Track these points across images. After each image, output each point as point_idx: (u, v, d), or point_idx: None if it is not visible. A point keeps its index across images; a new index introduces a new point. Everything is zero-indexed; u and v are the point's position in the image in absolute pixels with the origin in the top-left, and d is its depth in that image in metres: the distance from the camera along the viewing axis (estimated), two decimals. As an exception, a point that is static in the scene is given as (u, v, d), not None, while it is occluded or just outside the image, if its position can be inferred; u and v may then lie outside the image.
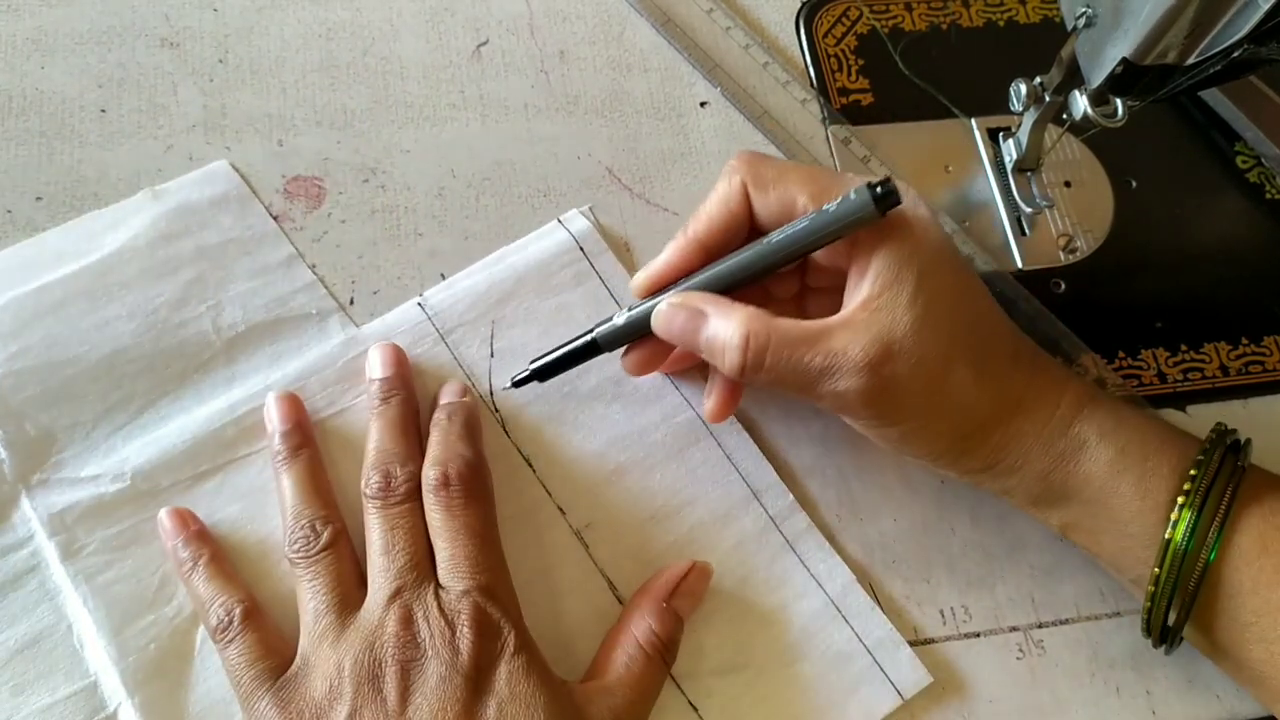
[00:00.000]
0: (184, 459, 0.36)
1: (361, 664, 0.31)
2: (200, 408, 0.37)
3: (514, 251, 0.42)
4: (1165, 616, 0.34)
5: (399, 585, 0.32)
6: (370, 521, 0.34)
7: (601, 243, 0.42)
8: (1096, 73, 0.37)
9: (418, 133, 0.44)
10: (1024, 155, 0.45)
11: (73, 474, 0.35)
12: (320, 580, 0.33)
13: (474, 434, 0.37)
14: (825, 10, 0.50)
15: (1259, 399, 0.44)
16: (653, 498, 0.38)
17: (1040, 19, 0.52)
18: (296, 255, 0.40)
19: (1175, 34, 0.33)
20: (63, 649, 0.33)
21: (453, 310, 0.40)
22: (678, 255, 0.36)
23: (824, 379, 0.33)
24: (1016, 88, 0.42)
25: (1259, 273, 0.47)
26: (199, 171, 0.41)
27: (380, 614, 0.32)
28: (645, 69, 0.47)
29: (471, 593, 0.32)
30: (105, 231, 0.39)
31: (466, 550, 0.33)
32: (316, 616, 0.32)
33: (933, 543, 0.39)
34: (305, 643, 0.32)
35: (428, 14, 0.47)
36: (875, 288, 0.33)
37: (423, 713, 0.30)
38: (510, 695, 0.31)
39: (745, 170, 0.35)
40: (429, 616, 0.32)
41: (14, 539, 0.34)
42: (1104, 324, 0.44)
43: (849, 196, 0.32)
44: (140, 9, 0.45)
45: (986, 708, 0.37)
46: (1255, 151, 0.49)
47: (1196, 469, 0.33)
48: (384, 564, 0.33)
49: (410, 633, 0.31)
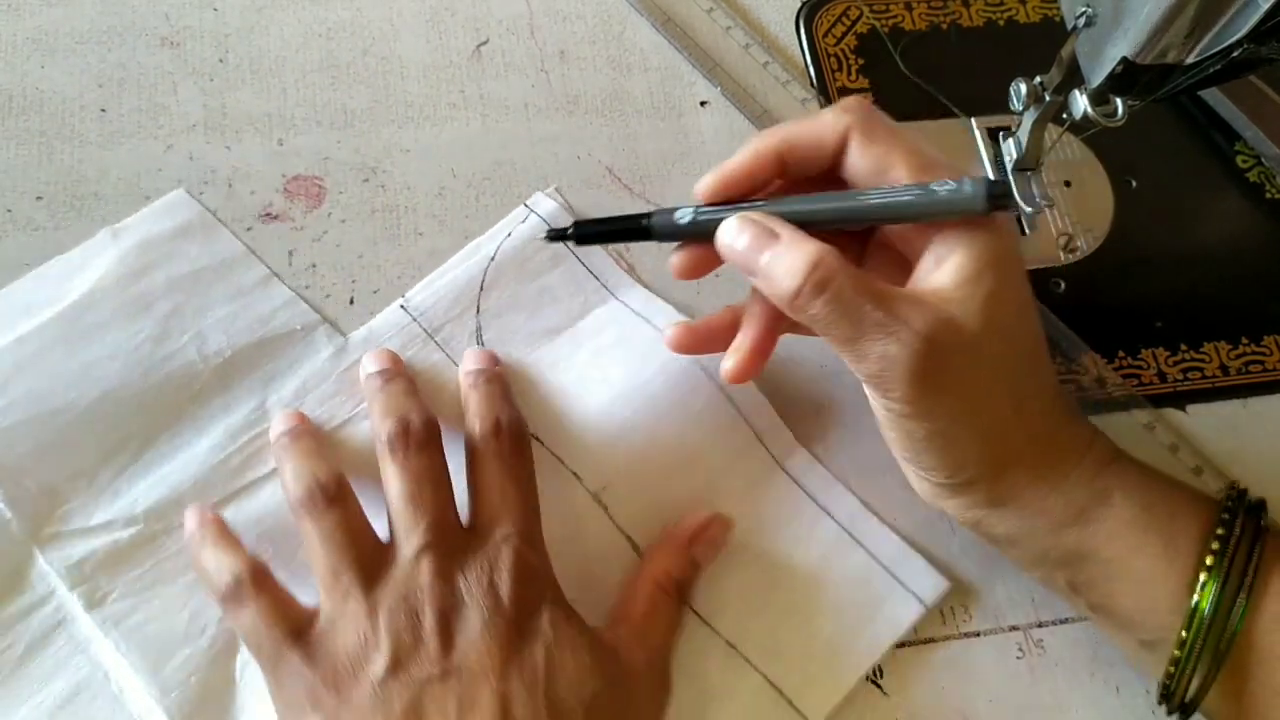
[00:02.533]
0: (194, 493, 0.36)
1: (397, 615, 0.30)
2: (201, 439, 0.37)
3: (487, 241, 0.42)
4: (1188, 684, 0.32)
5: (430, 538, 0.31)
6: (389, 473, 0.33)
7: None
8: (1096, 72, 0.37)
9: (418, 132, 0.44)
10: (1024, 155, 0.45)
11: (83, 523, 0.35)
12: (334, 537, 0.32)
13: (509, 395, 0.37)
14: (825, 10, 0.50)
15: (1259, 399, 0.44)
16: (663, 451, 0.38)
17: (1040, 18, 0.52)
18: (270, 274, 0.40)
19: (1175, 33, 0.33)
20: (103, 699, 0.33)
21: (437, 308, 0.40)
22: (753, 160, 0.33)
23: (876, 333, 0.30)
24: (1016, 87, 0.42)
25: (1259, 272, 0.47)
26: (158, 203, 0.41)
27: (411, 567, 0.31)
28: (645, 69, 0.47)
29: (512, 538, 0.32)
30: (71, 275, 0.38)
31: (511, 497, 0.33)
32: (335, 574, 0.31)
33: (933, 543, 0.39)
34: (327, 601, 0.31)
35: (428, 14, 0.47)
36: (953, 278, 0.31)
37: (469, 659, 0.30)
38: (556, 639, 0.31)
39: (857, 117, 0.33)
40: (465, 566, 0.31)
41: (35, 597, 0.34)
42: (1104, 323, 0.44)
43: (963, 186, 0.31)
44: (140, 9, 0.45)
45: (986, 707, 0.37)
46: (1255, 151, 0.49)
47: (1223, 528, 0.32)
48: (411, 516, 0.32)
49: (447, 582, 0.31)
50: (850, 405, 0.41)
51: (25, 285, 0.38)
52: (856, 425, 0.41)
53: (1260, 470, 0.42)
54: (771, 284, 0.31)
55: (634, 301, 0.41)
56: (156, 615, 0.34)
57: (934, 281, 0.31)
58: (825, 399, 0.41)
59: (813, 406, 0.41)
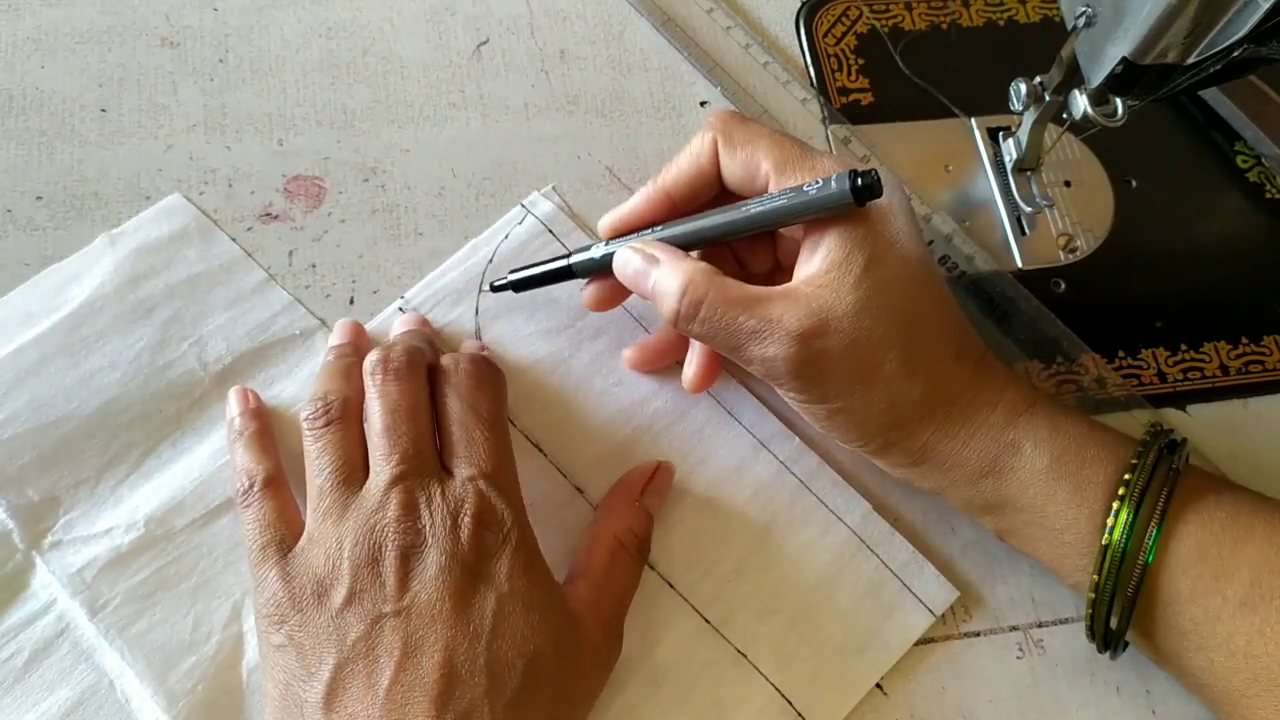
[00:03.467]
0: (194, 498, 0.36)
1: (361, 546, 0.31)
2: (201, 445, 0.37)
3: (485, 242, 0.42)
4: (1106, 622, 0.34)
5: (402, 470, 0.32)
6: (370, 400, 0.34)
7: (569, 222, 0.43)
8: (1096, 72, 0.37)
9: (418, 132, 0.44)
10: (1024, 155, 0.45)
11: (84, 531, 0.35)
12: (326, 454, 0.33)
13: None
14: (825, 10, 0.50)
15: (1259, 398, 0.44)
16: (669, 457, 0.39)
17: (1040, 18, 0.52)
18: (269, 278, 0.40)
19: (1175, 33, 0.33)
20: (109, 707, 0.33)
21: (436, 310, 0.40)
22: (644, 202, 0.36)
23: (753, 342, 0.33)
24: (1016, 87, 0.42)
25: (1259, 272, 0.47)
26: (154, 209, 0.40)
27: (380, 497, 0.31)
28: (645, 68, 0.47)
29: (476, 480, 0.32)
30: (69, 284, 0.38)
31: (473, 435, 0.33)
32: (321, 493, 0.32)
33: (933, 543, 0.39)
34: (310, 518, 0.32)
35: (428, 13, 0.47)
36: (823, 265, 0.33)
37: (420, 600, 0.30)
38: (510, 590, 0.31)
39: (719, 127, 0.35)
40: (431, 503, 0.31)
41: (37, 606, 0.34)
42: (1104, 323, 0.44)
43: (829, 184, 0.32)
44: (140, 8, 0.45)
45: (986, 708, 0.37)
46: (1255, 151, 0.49)
47: (1131, 472, 0.33)
48: (385, 446, 0.32)
49: (411, 519, 0.31)
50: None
51: (23, 294, 0.38)
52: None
53: (1260, 470, 0.42)
54: (658, 308, 0.34)
55: (632, 305, 0.41)
56: (160, 622, 0.34)
57: (808, 271, 0.33)
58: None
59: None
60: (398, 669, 0.29)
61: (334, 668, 0.29)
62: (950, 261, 0.45)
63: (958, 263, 0.45)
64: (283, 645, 0.30)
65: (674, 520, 0.38)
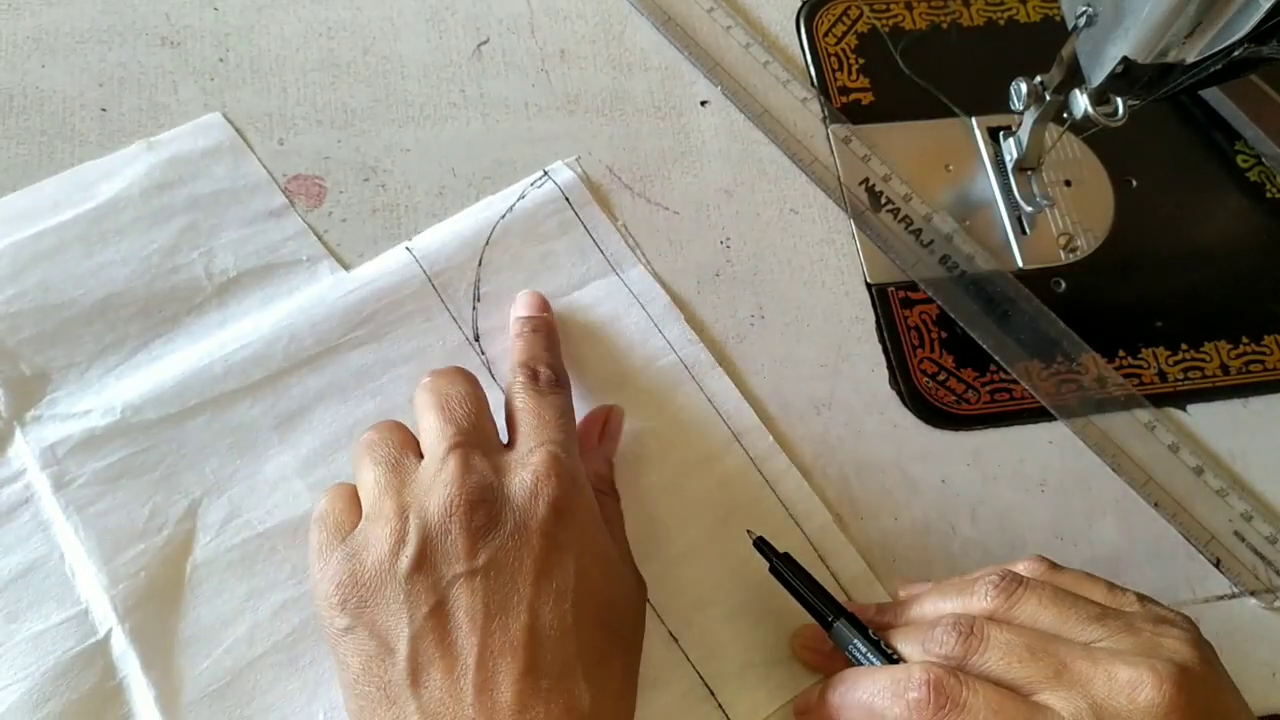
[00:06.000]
0: (173, 393, 0.37)
1: (424, 510, 0.30)
2: (192, 347, 0.38)
3: (500, 200, 0.42)
4: None
5: (459, 439, 0.31)
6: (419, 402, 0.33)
7: (586, 193, 0.43)
8: (1097, 72, 0.37)
9: (418, 132, 0.44)
10: (1024, 154, 0.45)
11: (66, 410, 0.36)
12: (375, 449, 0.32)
13: (555, 344, 0.37)
14: (825, 9, 0.50)
15: (1259, 398, 0.44)
16: (637, 440, 0.39)
17: (1041, 18, 0.52)
18: (288, 205, 0.41)
19: (1176, 33, 0.33)
20: (54, 579, 0.34)
21: (440, 254, 0.41)
22: None
23: None
24: (1017, 87, 0.42)
25: (1259, 272, 0.47)
26: (193, 123, 0.42)
27: (440, 462, 0.30)
28: (645, 68, 0.47)
29: (548, 444, 0.31)
30: (100, 180, 0.40)
31: (545, 417, 0.33)
32: (376, 480, 0.31)
33: (933, 542, 0.39)
34: (367, 505, 0.31)
35: (428, 13, 0.47)
36: None
37: (498, 559, 0.29)
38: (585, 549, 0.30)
39: None
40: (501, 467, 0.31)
41: (9, 473, 0.35)
42: (1104, 323, 0.44)
43: None
44: (140, 8, 0.45)
45: (987, 707, 0.37)
46: (1255, 150, 0.49)
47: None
48: (439, 423, 0.31)
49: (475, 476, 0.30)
50: (850, 404, 0.41)
51: (55, 184, 0.40)
52: (857, 425, 0.41)
53: (1260, 470, 0.42)
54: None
55: (633, 281, 0.42)
56: (118, 506, 0.35)
57: None
58: (825, 398, 0.41)
59: (813, 405, 0.41)
60: (483, 634, 0.28)
61: (410, 640, 0.28)
62: (950, 261, 0.45)
63: (958, 262, 0.45)
64: (350, 627, 0.29)
65: (633, 497, 0.37)
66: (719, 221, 0.44)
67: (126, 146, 0.41)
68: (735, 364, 0.41)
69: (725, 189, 0.45)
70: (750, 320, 0.42)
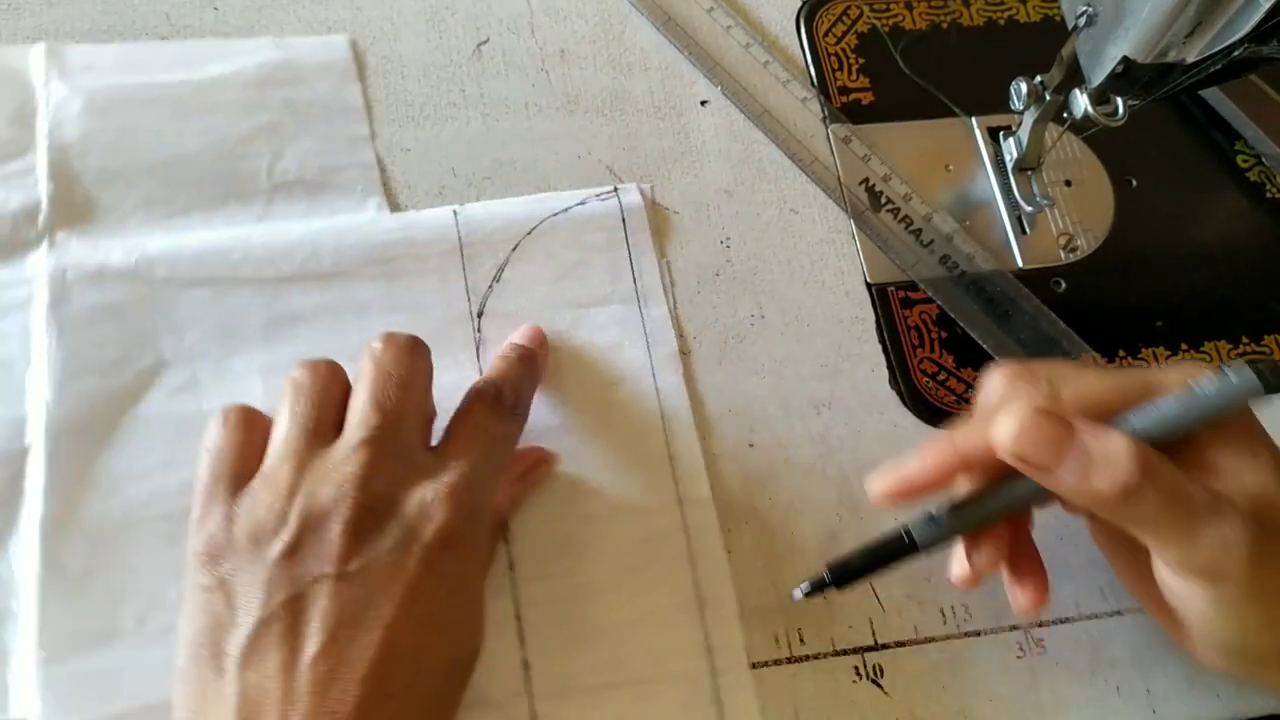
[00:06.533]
0: (188, 261, 0.39)
1: (315, 497, 0.29)
2: (225, 230, 0.40)
3: (560, 199, 0.43)
4: None
5: (380, 432, 0.30)
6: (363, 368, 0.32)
7: (645, 222, 0.43)
8: (1097, 71, 0.37)
9: (418, 131, 0.44)
10: (1024, 154, 0.45)
11: (93, 243, 0.39)
12: (302, 399, 0.31)
13: (533, 376, 0.36)
14: (825, 9, 0.50)
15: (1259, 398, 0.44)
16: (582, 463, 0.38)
17: (1041, 18, 0.52)
18: (369, 138, 0.43)
19: (1176, 32, 0.33)
20: (13, 382, 0.36)
21: (481, 227, 0.41)
22: (936, 460, 0.32)
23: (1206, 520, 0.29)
24: (1017, 86, 0.42)
25: (1259, 272, 0.47)
26: (320, 39, 0.45)
27: (347, 452, 0.30)
28: (645, 68, 0.47)
29: (464, 468, 0.30)
30: (216, 59, 0.43)
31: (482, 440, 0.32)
32: (286, 438, 0.31)
33: (933, 542, 0.39)
34: (269, 461, 0.31)
35: (428, 13, 0.47)
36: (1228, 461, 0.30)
37: (370, 570, 0.28)
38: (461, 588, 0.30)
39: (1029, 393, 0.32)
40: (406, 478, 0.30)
41: (20, 276, 0.38)
42: (1104, 323, 0.44)
43: (1229, 378, 0.30)
44: (140, 8, 0.45)
45: (986, 707, 0.37)
46: (1255, 150, 0.49)
47: None
48: (367, 408, 0.30)
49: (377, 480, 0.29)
50: (850, 404, 0.41)
51: (177, 47, 0.43)
52: (857, 425, 0.41)
53: (1260, 470, 0.42)
54: (1088, 481, 0.29)
55: (651, 319, 0.41)
56: (94, 341, 0.37)
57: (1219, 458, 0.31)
58: (826, 399, 0.41)
59: (813, 405, 0.41)
60: (329, 639, 0.27)
61: (257, 622, 0.28)
62: (950, 261, 0.45)
63: (958, 262, 0.45)
64: (210, 587, 0.29)
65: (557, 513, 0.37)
66: (719, 221, 0.44)
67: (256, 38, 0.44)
68: (735, 364, 0.41)
69: (725, 189, 0.45)
70: (750, 320, 0.42)
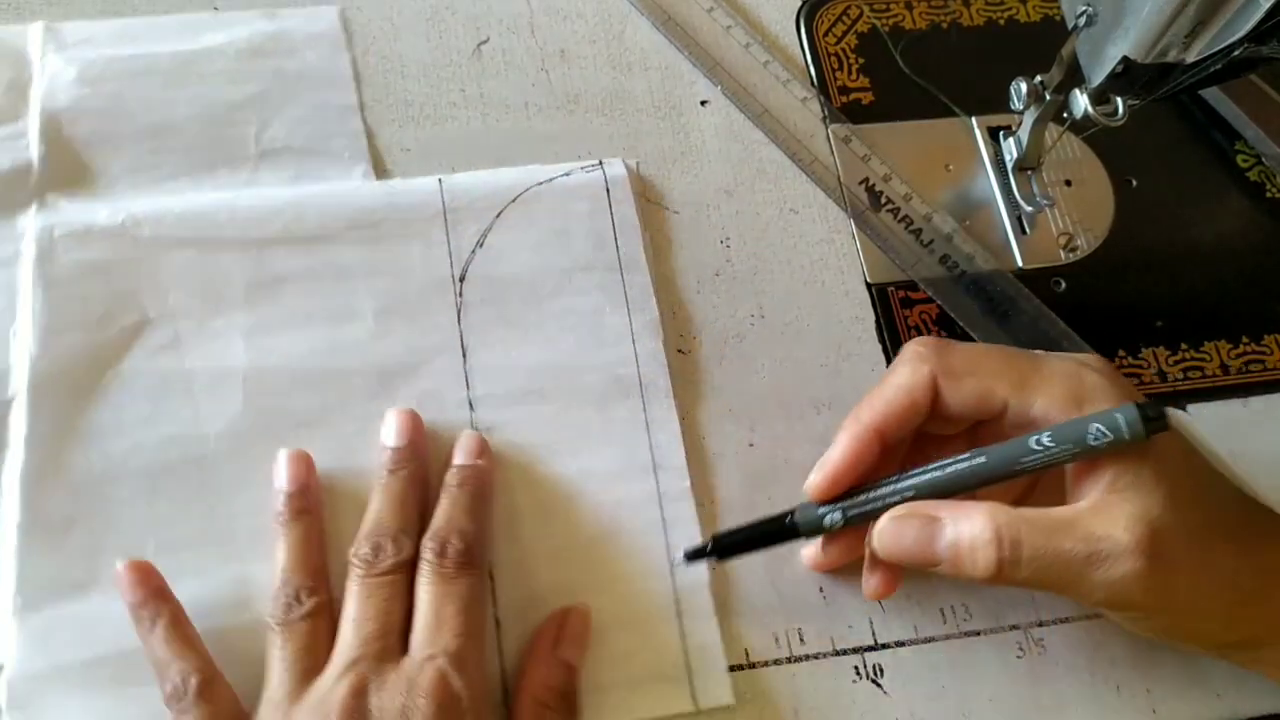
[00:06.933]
0: (174, 221, 0.39)
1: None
2: (213, 193, 0.40)
3: (545, 170, 0.43)
4: None
5: (359, 654, 0.31)
6: (349, 590, 0.33)
7: (629, 193, 0.43)
8: (1097, 71, 0.37)
9: (418, 131, 0.44)
10: (1024, 154, 0.45)
11: (82, 204, 0.39)
12: (290, 646, 0.32)
13: (482, 505, 0.36)
14: (825, 9, 0.50)
15: (1259, 398, 0.44)
16: (559, 429, 0.39)
17: (1041, 17, 0.52)
18: (356, 107, 0.43)
19: (1176, 32, 0.33)
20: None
21: (466, 194, 0.42)
22: (855, 446, 0.34)
23: (1092, 567, 0.30)
24: (1017, 86, 0.42)
25: (1259, 271, 0.47)
26: (310, 10, 0.45)
27: (332, 683, 0.31)
28: (645, 68, 0.47)
29: (438, 658, 0.31)
30: (209, 30, 0.44)
31: (444, 615, 0.32)
32: (279, 684, 0.32)
33: (933, 541, 0.39)
34: (263, 710, 0.32)
35: (428, 13, 0.47)
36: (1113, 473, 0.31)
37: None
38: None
39: (934, 360, 0.34)
40: (384, 686, 0.31)
41: (9, 234, 0.38)
42: (1104, 323, 0.44)
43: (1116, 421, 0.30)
44: (140, 8, 0.45)
45: (986, 706, 0.37)
46: (1256, 150, 0.49)
47: None
48: (350, 633, 0.32)
49: (361, 702, 0.30)
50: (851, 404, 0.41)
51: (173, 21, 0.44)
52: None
53: (1261, 470, 0.42)
54: (967, 570, 0.31)
55: (632, 286, 0.41)
56: (78, 297, 0.38)
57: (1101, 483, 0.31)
58: (825, 398, 0.41)
59: (813, 405, 0.41)
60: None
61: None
62: (950, 261, 0.45)
63: (958, 262, 0.45)
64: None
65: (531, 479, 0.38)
66: (719, 221, 0.44)
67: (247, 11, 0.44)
68: (735, 364, 0.41)
69: (725, 189, 0.45)
70: (750, 320, 0.42)
